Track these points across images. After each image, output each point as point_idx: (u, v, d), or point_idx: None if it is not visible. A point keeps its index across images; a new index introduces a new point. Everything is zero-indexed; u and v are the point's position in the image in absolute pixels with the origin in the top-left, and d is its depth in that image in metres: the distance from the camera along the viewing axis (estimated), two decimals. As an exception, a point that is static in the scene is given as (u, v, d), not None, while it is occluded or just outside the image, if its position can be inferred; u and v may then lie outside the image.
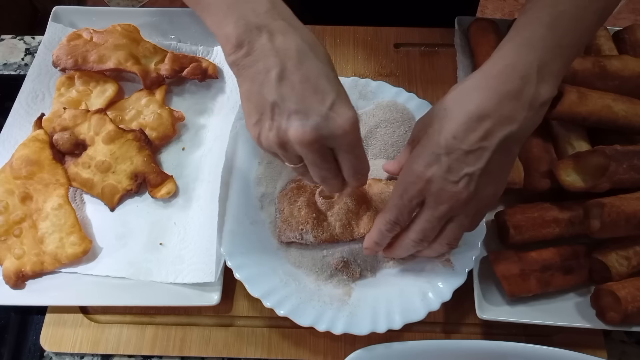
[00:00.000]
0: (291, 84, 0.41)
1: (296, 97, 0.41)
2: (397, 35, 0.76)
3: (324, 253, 0.57)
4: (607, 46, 0.67)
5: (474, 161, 0.43)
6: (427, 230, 0.47)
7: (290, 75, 0.41)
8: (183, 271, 0.57)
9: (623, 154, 0.54)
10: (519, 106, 0.42)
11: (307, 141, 0.41)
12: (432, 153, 0.44)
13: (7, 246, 0.58)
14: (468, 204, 0.45)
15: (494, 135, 0.43)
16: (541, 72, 0.43)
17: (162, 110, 0.65)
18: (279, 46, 0.41)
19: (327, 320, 0.52)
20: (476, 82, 0.45)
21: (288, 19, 0.43)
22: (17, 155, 0.60)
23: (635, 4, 1.92)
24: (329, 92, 0.41)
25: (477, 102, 0.43)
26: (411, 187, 0.45)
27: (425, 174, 0.44)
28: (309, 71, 0.41)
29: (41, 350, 0.57)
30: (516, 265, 0.55)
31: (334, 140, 0.42)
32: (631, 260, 0.55)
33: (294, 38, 0.42)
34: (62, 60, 0.65)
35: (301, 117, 0.41)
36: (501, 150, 0.43)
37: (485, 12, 1.90)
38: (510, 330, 0.57)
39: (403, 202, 0.46)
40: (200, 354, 0.57)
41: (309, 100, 0.41)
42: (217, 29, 0.44)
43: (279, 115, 0.42)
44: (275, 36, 0.42)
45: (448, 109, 0.45)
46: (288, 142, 0.42)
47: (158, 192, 0.61)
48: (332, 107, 0.41)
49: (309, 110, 0.41)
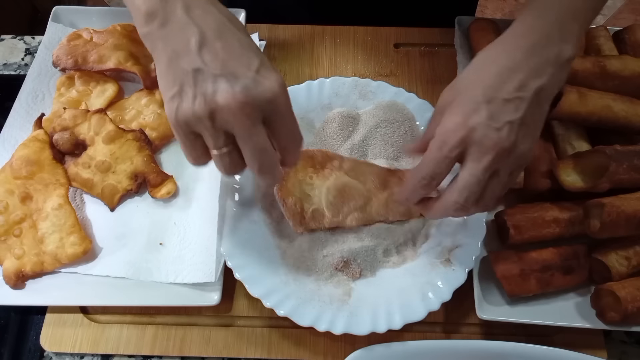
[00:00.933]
0: (214, 50, 0.39)
1: (221, 62, 0.39)
2: (397, 35, 0.76)
3: (324, 253, 0.57)
4: (607, 46, 0.67)
5: (514, 110, 0.43)
6: (472, 186, 0.44)
7: (211, 42, 0.40)
8: (183, 271, 0.57)
9: (623, 154, 0.54)
10: (545, 62, 0.44)
11: (238, 104, 0.39)
12: (473, 102, 0.44)
13: (7, 246, 0.58)
14: (510, 156, 0.44)
15: (528, 87, 0.43)
16: (562, 30, 0.44)
17: (162, 110, 0.65)
18: (196, 19, 0.40)
19: (327, 320, 0.52)
20: (502, 43, 0.46)
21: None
22: (17, 155, 0.60)
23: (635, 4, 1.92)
24: (253, 57, 0.40)
25: (507, 57, 0.44)
26: (452, 137, 0.44)
27: (468, 122, 0.43)
28: (230, 39, 0.40)
29: (41, 350, 0.57)
30: (516, 265, 0.55)
31: (265, 104, 0.40)
32: (631, 260, 0.55)
33: (211, 10, 0.41)
34: (62, 60, 0.65)
35: (229, 80, 0.39)
36: (535, 103, 0.44)
37: (485, 12, 1.90)
38: (510, 330, 0.57)
39: (443, 154, 0.44)
40: (200, 354, 0.57)
41: (235, 64, 0.39)
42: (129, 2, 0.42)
43: (204, 82, 0.39)
44: (191, 9, 0.40)
45: (479, 68, 0.46)
46: (216, 110, 0.39)
47: (158, 192, 0.61)
48: (258, 70, 0.40)
49: (236, 74, 0.39)
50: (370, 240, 0.57)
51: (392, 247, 0.58)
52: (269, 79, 0.40)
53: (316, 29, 0.76)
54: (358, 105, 0.66)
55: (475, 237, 0.56)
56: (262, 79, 0.40)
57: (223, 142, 0.41)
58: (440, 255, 0.56)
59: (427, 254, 0.57)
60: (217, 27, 0.40)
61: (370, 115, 0.64)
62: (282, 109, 0.42)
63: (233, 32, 0.41)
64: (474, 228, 0.57)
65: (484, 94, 0.43)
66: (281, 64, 0.74)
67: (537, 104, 0.44)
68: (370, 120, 0.64)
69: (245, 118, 0.39)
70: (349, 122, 0.64)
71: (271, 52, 0.74)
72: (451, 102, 0.46)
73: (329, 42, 0.75)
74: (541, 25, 0.45)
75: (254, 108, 0.40)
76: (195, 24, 0.40)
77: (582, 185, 0.56)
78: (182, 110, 0.40)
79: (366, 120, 0.64)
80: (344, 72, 0.73)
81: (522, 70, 0.44)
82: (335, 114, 0.64)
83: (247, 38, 0.42)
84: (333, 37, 0.76)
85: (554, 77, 0.44)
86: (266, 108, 0.41)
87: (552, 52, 0.44)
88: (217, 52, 0.40)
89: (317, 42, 0.76)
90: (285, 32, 0.76)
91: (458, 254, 0.56)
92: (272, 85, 0.40)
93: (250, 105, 0.39)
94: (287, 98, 0.42)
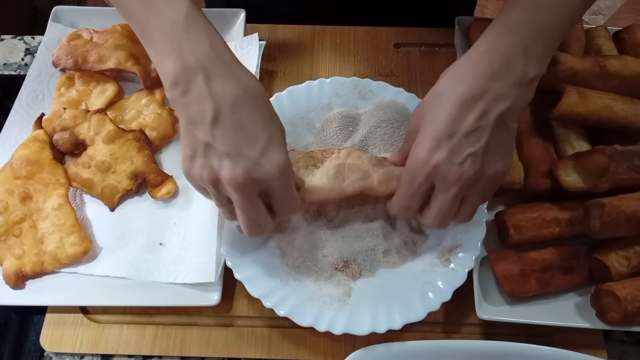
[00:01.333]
0: (224, 128, 0.42)
1: (229, 140, 0.42)
2: (397, 35, 0.76)
3: (324, 253, 0.57)
4: (607, 46, 0.67)
5: (475, 141, 0.44)
6: (444, 213, 0.48)
7: (224, 119, 0.42)
8: (183, 271, 0.57)
9: (623, 154, 0.54)
10: (508, 84, 0.44)
11: (238, 184, 0.43)
12: (434, 138, 0.45)
13: (7, 246, 0.58)
14: (477, 183, 0.46)
15: (490, 114, 0.44)
16: (527, 51, 0.44)
17: (162, 110, 0.65)
18: (214, 90, 0.42)
19: (327, 320, 0.52)
20: (463, 65, 0.46)
21: (228, 62, 0.44)
22: (17, 155, 0.60)
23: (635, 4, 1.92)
24: (260, 137, 0.43)
25: (468, 83, 0.44)
26: (418, 175, 0.46)
27: (431, 160, 0.45)
28: (242, 117, 0.43)
29: (41, 350, 0.57)
30: (516, 265, 0.55)
31: (264, 184, 0.44)
32: (631, 260, 0.55)
33: (231, 83, 0.43)
34: (62, 60, 0.65)
35: (232, 160, 0.42)
36: (499, 127, 0.44)
37: (485, 12, 1.90)
38: (510, 330, 0.57)
39: (413, 189, 0.47)
40: (200, 354, 0.57)
41: (241, 145, 0.42)
42: (158, 66, 0.45)
43: (212, 155, 0.43)
44: (212, 79, 0.42)
45: (441, 94, 0.46)
46: (219, 182, 0.44)
47: (158, 192, 0.61)
48: (263, 152, 0.43)
49: (239, 154, 0.42)
50: (370, 240, 0.57)
51: (392, 247, 0.58)
52: (270, 162, 0.43)
53: (316, 29, 0.76)
54: (358, 105, 0.66)
55: (475, 237, 0.56)
56: (264, 161, 0.43)
57: (225, 203, 0.47)
58: (440, 255, 0.56)
59: (427, 254, 0.57)
60: (233, 100, 0.42)
61: (370, 115, 0.64)
62: (279, 189, 0.45)
63: (247, 107, 0.43)
64: (474, 228, 0.57)
65: (445, 129, 0.44)
66: (281, 64, 0.74)
67: (502, 125, 0.45)
68: (370, 120, 0.64)
69: (242, 194, 0.44)
70: (349, 122, 0.64)
71: (271, 52, 0.74)
72: (419, 130, 0.47)
73: (329, 42, 0.75)
74: (505, 46, 0.44)
75: (251, 186, 0.44)
76: (212, 98, 0.42)
77: (582, 185, 0.56)
78: (192, 172, 0.45)
79: (366, 120, 0.64)
80: (344, 72, 0.73)
81: (484, 97, 0.44)
82: (335, 114, 0.64)
83: (261, 112, 0.44)
84: (333, 37, 0.76)
85: (519, 98, 0.45)
86: (264, 186, 0.44)
87: (515, 75, 0.44)
88: (227, 130, 0.42)
89: (317, 42, 0.76)
90: (285, 32, 0.76)
91: (458, 254, 0.56)
92: (272, 169, 0.43)
93: (249, 185, 0.43)
94: (287, 180, 0.45)
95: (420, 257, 0.57)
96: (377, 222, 0.58)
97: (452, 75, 0.47)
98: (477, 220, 0.57)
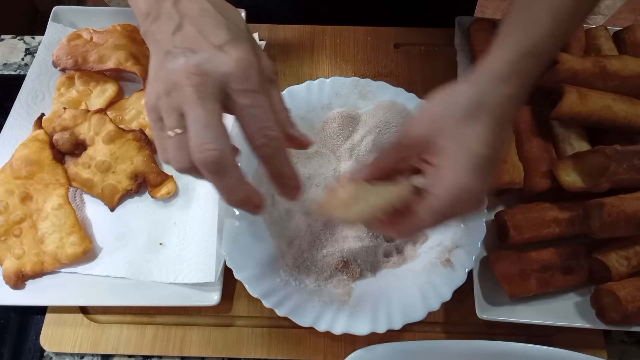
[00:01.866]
0: (184, 33, 0.39)
1: (187, 41, 0.38)
2: (397, 35, 0.76)
3: (324, 253, 0.57)
4: (607, 46, 0.67)
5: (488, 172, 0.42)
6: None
7: (186, 26, 0.39)
8: (183, 271, 0.57)
9: (623, 154, 0.54)
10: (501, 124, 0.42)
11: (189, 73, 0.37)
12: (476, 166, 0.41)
13: (7, 246, 0.58)
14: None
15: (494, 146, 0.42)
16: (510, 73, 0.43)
17: (162, 110, 0.65)
18: (181, 7, 0.40)
19: (327, 320, 0.52)
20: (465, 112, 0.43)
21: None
22: (17, 155, 0.60)
23: (635, 4, 1.92)
24: (222, 35, 0.39)
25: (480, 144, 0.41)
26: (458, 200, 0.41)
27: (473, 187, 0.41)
28: (205, 22, 0.39)
29: (41, 350, 0.57)
30: (516, 265, 0.55)
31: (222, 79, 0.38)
32: (631, 260, 0.55)
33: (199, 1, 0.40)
34: (62, 60, 0.65)
35: (186, 55, 0.38)
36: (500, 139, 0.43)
37: (485, 12, 1.90)
38: (510, 330, 0.57)
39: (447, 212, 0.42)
40: (200, 354, 0.57)
41: (199, 42, 0.38)
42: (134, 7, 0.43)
43: (168, 62, 0.38)
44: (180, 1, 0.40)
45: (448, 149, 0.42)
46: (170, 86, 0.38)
47: (158, 192, 0.61)
48: (222, 46, 0.38)
49: (196, 49, 0.38)
50: (370, 240, 0.57)
51: (392, 247, 0.58)
52: (228, 55, 0.38)
53: (316, 29, 0.76)
54: (358, 105, 0.66)
55: (475, 237, 0.56)
56: (222, 54, 0.38)
57: (175, 122, 0.38)
58: (440, 255, 0.56)
59: (427, 254, 0.57)
60: (198, 13, 0.39)
61: (370, 115, 0.64)
62: (240, 83, 0.38)
63: (212, 14, 0.40)
64: (474, 228, 0.57)
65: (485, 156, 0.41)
66: (281, 64, 0.74)
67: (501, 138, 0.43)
68: (370, 120, 0.64)
69: (192, 88, 0.37)
70: (349, 122, 0.64)
71: (271, 52, 0.74)
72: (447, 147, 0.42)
73: (329, 42, 0.75)
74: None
75: (204, 79, 0.37)
76: (178, 14, 0.39)
77: (582, 185, 0.56)
78: (148, 93, 0.39)
79: (366, 120, 0.64)
80: (344, 72, 0.73)
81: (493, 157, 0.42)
82: (335, 114, 0.64)
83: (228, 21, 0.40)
84: (333, 37, 0.76)
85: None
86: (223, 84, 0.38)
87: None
88: (187, 34, 0.39)
89: (317, 42, 0.75)
90: (285, 32, 0.76)
91: (458, 254, 0.56)
92: (230, 59, 0.38)
93: (200, 75, 0.37)
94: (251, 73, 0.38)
95: (420, 257, 0.57)
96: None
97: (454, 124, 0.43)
98: (477, 220, 0.57)
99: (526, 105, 0.64)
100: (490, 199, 0.60)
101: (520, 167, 0.59)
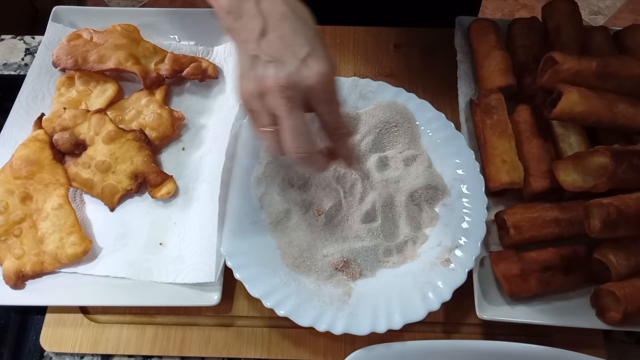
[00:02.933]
0: (270, 40, 0.45)
1: (274, 50, 0.45)
2: (397, 36, 0.76)
3: (324, 253, 0.57)
4: (607, 46, 0.67)
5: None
6: None
7: (270, 32, 0.45)
8: (183, 271, 0.57)
9: (623, 154, 0.54)
10: None
11: (281, 86, 0.44)
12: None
13: (7, 246, 0.58)
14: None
15: None
16: None
17: (162, 110, 0.65)
18: (263, 7, 0.45)
19: (327, 320, 0.52)
20: None
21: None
22: (17, 155, 0.60)
23: (635, 4, 1.92)
24: (303, 46, 0.45)
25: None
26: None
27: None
28: (287, 29, 0.45)
29: (41, 350, 0.57)
30: (516, 265, 0.55)
31: (307, 91, 0.45)
32: (631, 260, 0.55)
33: (278, 2, 0.46)
34: (62, 60, 0.65)
35: (276, 66, 0.45)
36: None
37: (485, 12, 1.90)
38: (510, 330, 0.57)
39: None
40: (200, 354, 0.57)
41: (284, 53, 0.45)
42: (214, 4, 0.48)
43: (257, 66, 0.45)
44: (260, 1, 0.46)
45: None
46: (264, 91, 0.45)
47: (158, 192, 0.61)
48: (305, 59, 0.45)
49: (282, 61, 0.45)
50: (370, 240, 0.57)
51: (393, 247, 0.58)
52: (311, 68, 0.45)
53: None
54: (358, 105, 0.66)
55: (475, 237, 0.56)
56: (304, 68, 0.45)
57: (268, 121, 0.47)
58: (440, 255, 0.56)
59: (427, 254, 0.57)
60: (280, 15, 0.45)
61: (370, 115, 0.64)
62: (322, 97, 0.46)
63: (292, 21, 0.46)
64: (474, 228, 0.57)
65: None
66: (281, 64, 0.73)
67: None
68: (370, 120, 0.64)
69: (285, 100, 0.45)
70: (349, 122, 0.64)
71: (271, 52, 0.74)
72: None
73: (329, 42, 0.75)
74: None
75: (293, 92, 0.45)
76: (261, 15, 0.45)
77: (582, 185, 0.56)
78: (243, 89, 0.47)
79: (366, 120, 0.64)
80: (344, 72, 0.73)
81: None
82: (335, 114, 0.64)
83: (305, 26, 0.46)
84: (333, 37, 0.76)
85: None
86: (307, 94, 0.45)
87: None
88: (273, 41, 0.45)
89: (317, 42, 0.75)
90: (285, 32, 0.76)
91: (458, 254, 0.56)
92: (313, 74, 0.44)
93: (290, 89, 0.44)
94: (329, 86, 0.46)
95: (420, 257, 0.57)
96: (377, 222, 0.58)
97: None
98: (477, 220, 0.57)
99: (526, 105, 0.64)
100: (490, 199, 0.60)
101: (520, 167, 0.59)
